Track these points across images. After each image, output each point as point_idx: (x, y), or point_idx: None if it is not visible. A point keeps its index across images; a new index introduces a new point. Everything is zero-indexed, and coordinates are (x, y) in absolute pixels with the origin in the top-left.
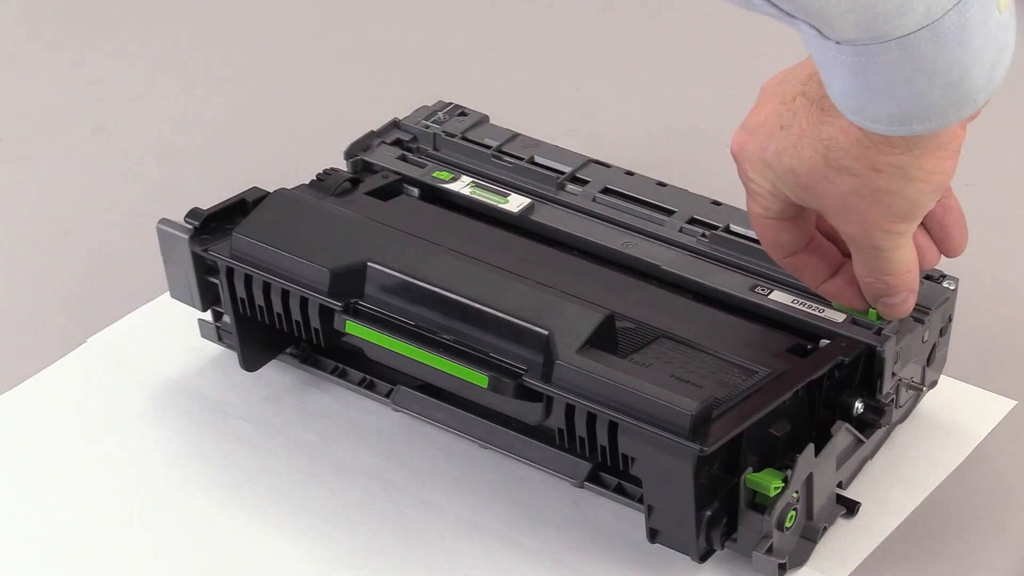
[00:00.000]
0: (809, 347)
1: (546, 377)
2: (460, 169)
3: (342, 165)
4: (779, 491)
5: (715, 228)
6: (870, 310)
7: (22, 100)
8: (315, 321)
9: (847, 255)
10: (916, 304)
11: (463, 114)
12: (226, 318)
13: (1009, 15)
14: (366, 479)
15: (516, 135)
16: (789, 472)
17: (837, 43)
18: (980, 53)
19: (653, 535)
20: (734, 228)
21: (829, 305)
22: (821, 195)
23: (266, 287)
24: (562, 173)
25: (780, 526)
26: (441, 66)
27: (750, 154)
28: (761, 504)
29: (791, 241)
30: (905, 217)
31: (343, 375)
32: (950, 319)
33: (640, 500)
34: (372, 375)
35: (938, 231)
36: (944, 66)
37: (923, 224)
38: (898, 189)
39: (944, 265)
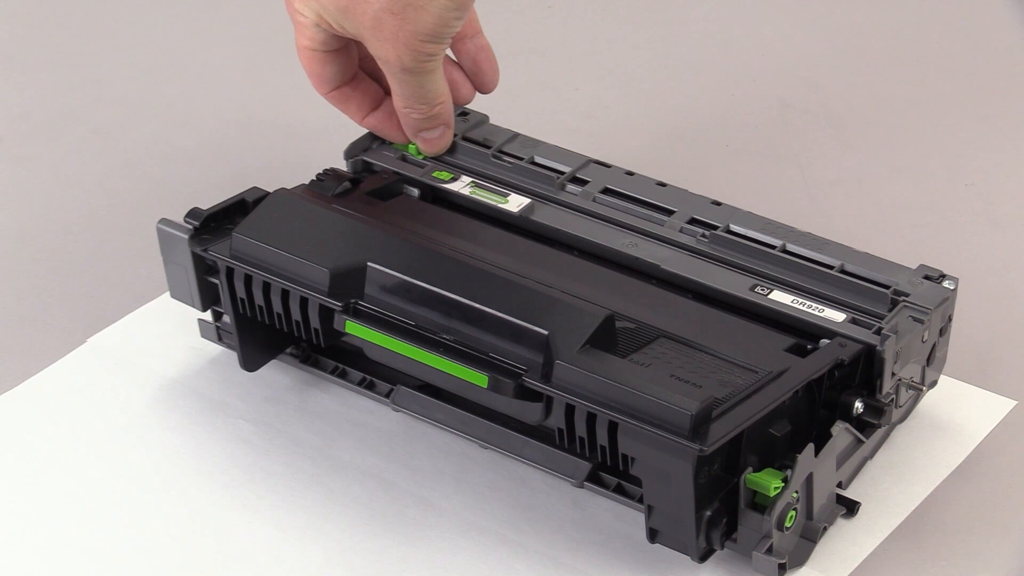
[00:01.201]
0: (809, 347)
1: (546, 377)
2: (460, 169)
3: (342, 165)
4: (779, 491)
5: (715, 228)
6: (410, 145)
7: (22, 100)
8: (315, 321)
9: (387, 92)
10: (916, 304)
11: (463, 114)
12: (226, 318)
13: None
14: (366, 479)
15: (516, 135)
16: (789, 472)
17: None
18: None
19: (653, 535)
20: (734, 228)
21: (829, 305)
22: (358, 15)
23: (266, 287)
24: (562, 173)
25: (780, 526)
26: None
27: None
28: (761, 504)
29: (335, 74)
30: (433, 36)
31: (343, 375)
32: (950, 319)
33: (640, 500)
34: (372, 375)
35: (471, 66)
36: None
37: (457, 62)
38: (425, 5)
39: (944, 265)
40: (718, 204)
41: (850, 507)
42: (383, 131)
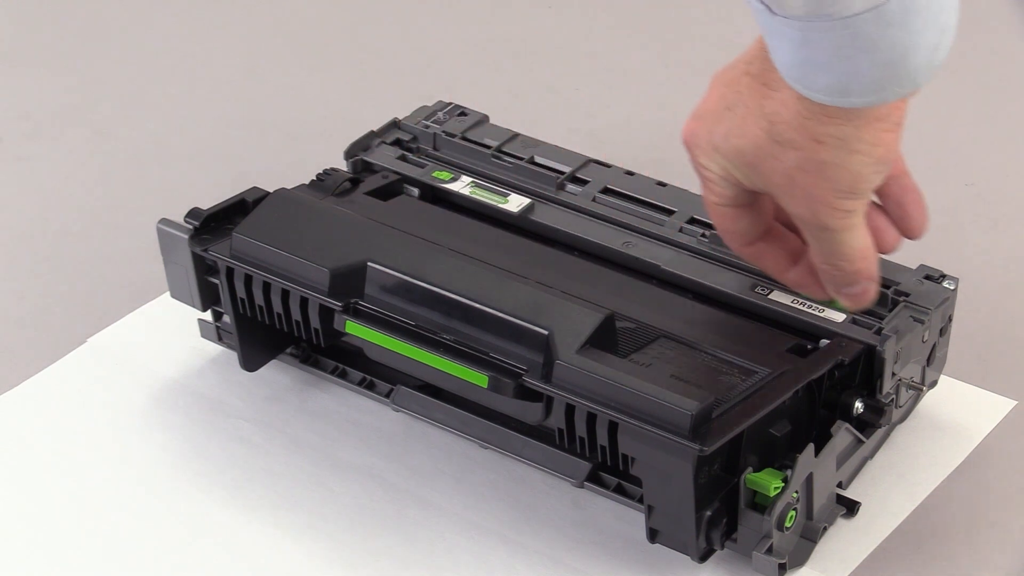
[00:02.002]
0: (809, 347)
1: (546, 377)
2: (460, 169)
3: (342, 165)
4: (779, 491)
5: (715, 228)
6: (835, 300)
7: (22, 100)
8: (315, 321)
9: (805, 243)
10: (916, 304)
11: (463, 114)
12: (226, 318)
13: None
14: (366, 479)
15: (516, 135)
16: (789, 472)
17: (784, 16)
18: (922, 34)
19: (653, 535)
20: None
21: (829, 305)
22: (768, 173)
23: (266, 287)
24: (562, 173)
25: (780, 526)
26: (441, 66)
27: (700, 140)
28: (761, 504)
29: (748, 229)
30: (851, 192)
31: (343, 375)
32: (950, 319)
33: (640, 500)
34: (372, 375)
35: (896, 211)
36: (886, 46)
37: (881, 207)
38: (840, 161)
39: (944, 265)
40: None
41: (850, 507)
42: (805, 288)
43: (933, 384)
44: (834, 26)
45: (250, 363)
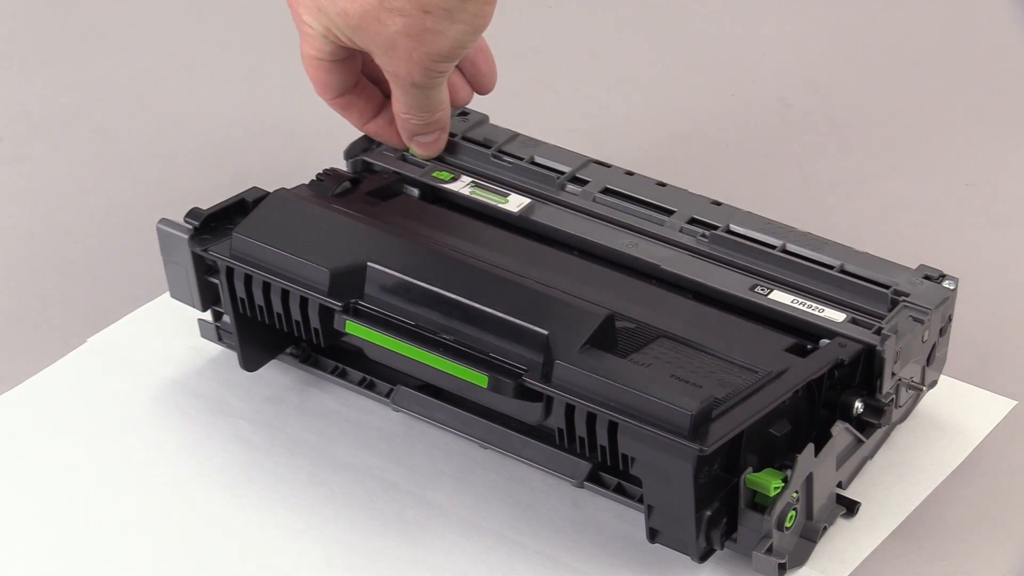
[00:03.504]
0: (809, 347)
1: (546, 377)
2: (460, 169)
3: (342, 165)
4: (779, 491)
5: (715, 228)
6: (410, 148)
7: (22, 100)
8: (315, 321)
9: (388, 97)
10: (916, 304)
11: (463, 114)
12: (226, 318)
13: None
14: (366, 479)
15: (516, 135)
16: (789, 472)
17: None
18: None
19: (653, 535)
20: (734, 228)
21: (829, 305)
22: (372, 35)
23: (266, 287)
24: (562, 173)
25: (780, 526)
26: None
27: None
28: (761, 504)
29: (340, 82)
30: (446, 57)
31: (343, 375)
32: (950, 319)
33: (640, 500)
34: (372, 375)
35: (470, 69)
36: None
37: (457, 65)
38: (443, 29)
39: (944, 265)
40: (718, 204)
41: (850, 507)
42: (383, 136)
43: (933, 384)
44: None
45: (250, 363)
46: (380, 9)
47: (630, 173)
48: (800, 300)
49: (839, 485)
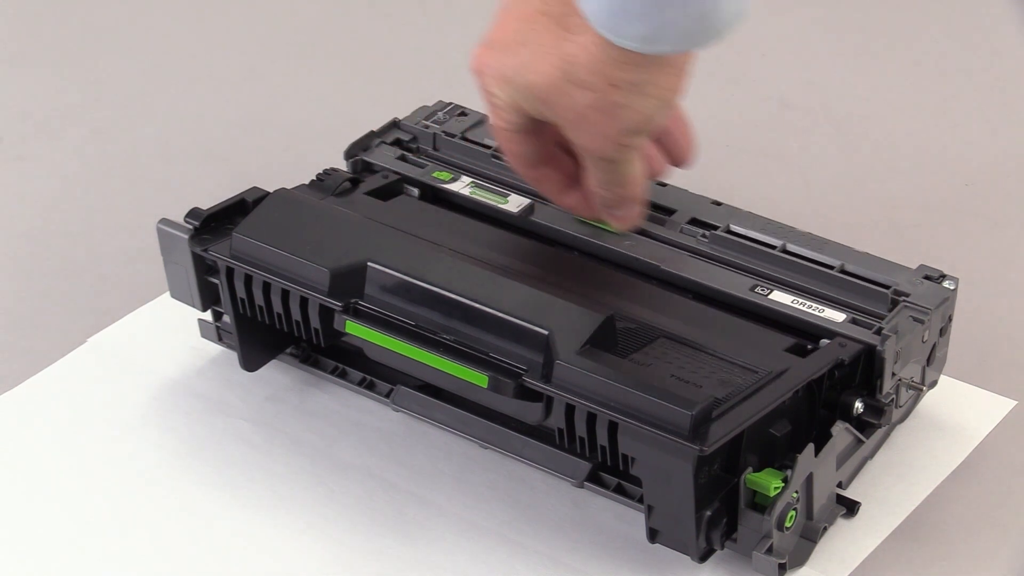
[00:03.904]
0: (809, 347)
1: (546, 377)
2: (460, 169)
3: (342, 165)
4: (779, 491)
5: (715, 228)
6: (605, 222)
7: (22, 100)
8: (315, 321)
9: (583, 166)
10: (916, 304)
11: (463, 114)
12: (226, 318)
13: None
14: (366, 479)
15: None
16: (789, 472)
17: None
18: None
19: (653, 535)
20: (734, 228)
21: (829, 305)
22: (560, 109)
23: (266, 287)
24: None
25: (780, 526)
26: (441, 66)
27: (492, 70)
28: (761, 504)
29: (531, 153)
30: (637, 131)
31: (343, 375)
32: (950, 319)
33: (640, 500)
34: (372, 375)
35: (666, 140)
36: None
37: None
38: (632, 103)
39: (944, 265)
40: (718, 204)
41: (850, 507)
42: (579, 209)
43: (933, 384)
44: None
45: (250, 363)
46: (566, 83)
47: None
48: (800, 300)
49: (839, 485)
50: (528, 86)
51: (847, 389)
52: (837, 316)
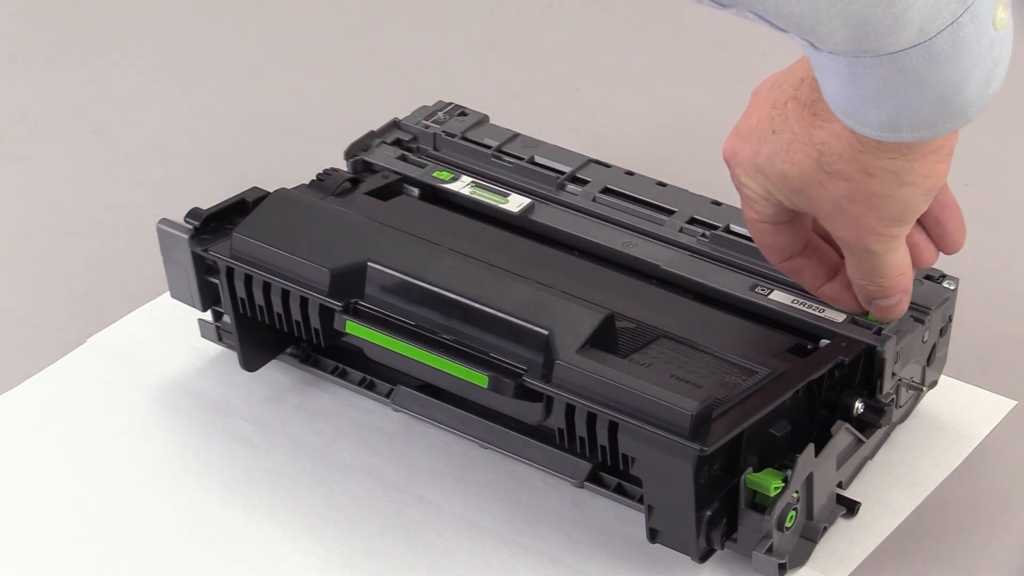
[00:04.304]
0: (809, 347)
1: (546, 377)
2: (460, 169)
3: (342, 165)
4: (779, 491)
5: (715, 228)
6: (868, 313)
7: (22, 100)
8: (315, 321)
9: (842, 257)
10: (916, 304)
11: (463, 114)
12: (226, 318)
13: (1006, 31)
14: (366, 479)
15: (516, 135)
16: (789, 472)
17: (830, 52)
18: (972, 69)
19: (653, 535)
20: (734, 228)
21: (829, 305)
22: (814, 199)
23: (266, 287)
24: (562, 173)
25: (780, 526)
26: (441, 66)
27: (742, 159)
28: (761, 504)
29: (787, 245)
30: (898, 220)
31: (343, 375)
32: (950, 319)
33: (640, 500)
34: (372, 375)
35: (935, 228)
36: (936, 81)
37: (919, 222)
38: (891, 193)
39: (944, 265)
40: (718, 204)
41: (850, 507)
42: (839, 301)
43: (933, 384)
44: (881, 62)
45: (250, 363)
46: (820, 173)
47: (630, 173)
48: (800, 300)
49: (839, 485)
50: (781, 175)
51: (847, 389)
52: (837, 316)
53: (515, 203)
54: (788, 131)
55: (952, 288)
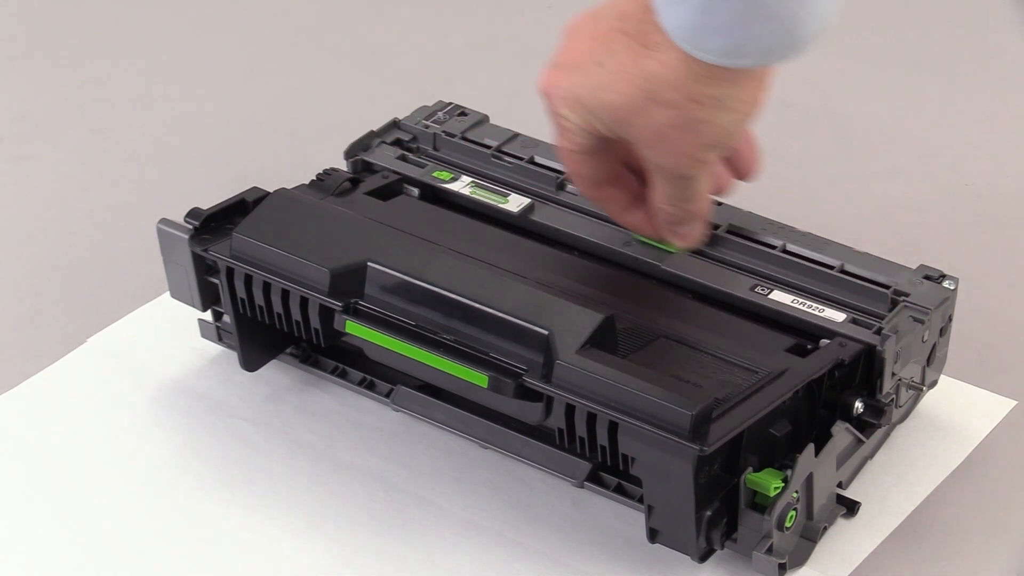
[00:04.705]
0: (809, 347)
1: (546, 377)
2: (460, 169)
3: (342, 165)
4: (779, 491)
5: (715, 228)
6: (667, 241)
7: (22, 100)
8: (315, 321)
9: (645, 186)
10: (916, 304)
11: (463, 114)
12: (226, 318)
13: None
14: (366, 479)
15: (516, 135)
16: (789, 472)
17: None
18: (817, 2)
19: (653, 535)
20: (734, 228)
21: (829, 305)
22: (637, 127)
23: (266, 287)
24: (562, 173)
25: (780, 526)
26: (441, 66)
27: (563, 92)
28: (761, 504)
29: (597, 174)
30: (716, 146)
31: (343, 375)
32: (950, 319)
33: (640, 500)
34: (372, 375)
35: (732, 155)
36: (786, 14)
37: None
38: (714, 119)
39: (944, 265)
40: (718, 204)
41: (850, 507)
42: (640, 228)
43: (933, 384)
44: None
45: (250, 363)
46: (647, 102)
47: None
48: (800, 300)
49: (839, 485)
50: (605, 106)
51: (847, 389)
52: (837, 316)
53: (515, 203)
54: (615, 63)
55: (952, 288)
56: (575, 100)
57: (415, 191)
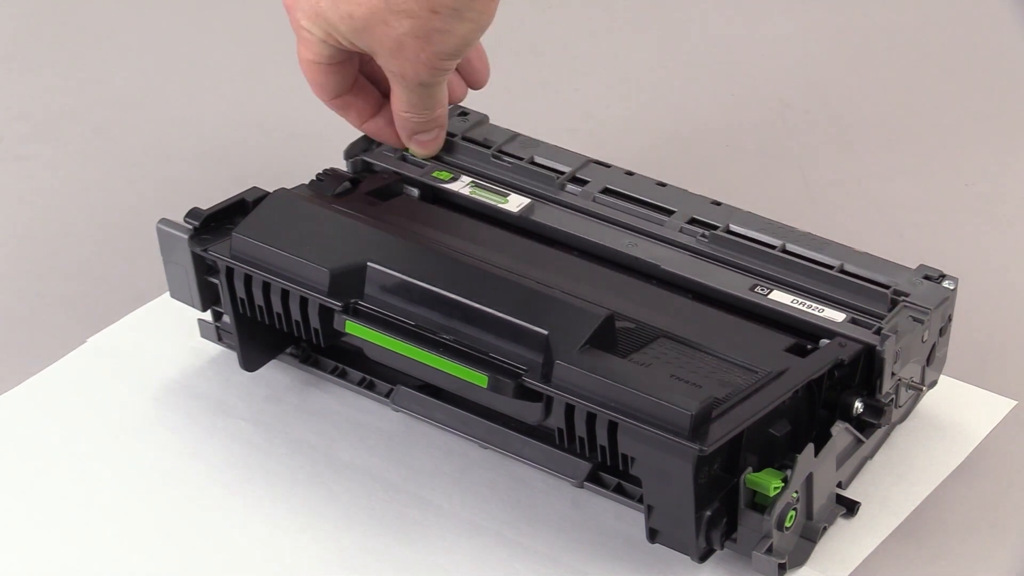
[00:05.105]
0: (809, 347)
1: (546, 377)
2: (460, 169)
3: (342, 165)
4: (779, 491)
5: (715, 228)
6: (408, 148)
7: (22, 100)
8: (315, 321)
9: (386, 96)
10: (916, 304)
11: (463, 114)
12: (226, 318)
13: None
14: (366, 479)
15: (516, 135)
16: (789, 472)
17: None
18: None
19: (653, 535)
20: (734, 228)
21: (829, 305)
22: (378, 37)
23: (266, 287)
24: (562, 173)
25: (780, 526)
26: None
27: (303, 4)
28: (761, 504)
29: (338, 84)
30: (453, 55)
31: (343, 375)
32: (950, 319)
33: (640, 500)
34: (372, 375)
35: (464, 65)
36: None
37: None
38: (451, 28)
39: (944, 265)
40: (718, 204)
41: (850, 507)
42: (381, 136)
43: (933, 384)
44: None
45: (250, 363)
46: (387, 12)
47: (630, 173)
48: (800, 300)
49: (839, 485)
50: (346, 16)
51: (847, 389)
52: (837, 316)
53: (515, 203)
54: None
55: (952, 288)
56: (316, 13)
57: (415, 191)
